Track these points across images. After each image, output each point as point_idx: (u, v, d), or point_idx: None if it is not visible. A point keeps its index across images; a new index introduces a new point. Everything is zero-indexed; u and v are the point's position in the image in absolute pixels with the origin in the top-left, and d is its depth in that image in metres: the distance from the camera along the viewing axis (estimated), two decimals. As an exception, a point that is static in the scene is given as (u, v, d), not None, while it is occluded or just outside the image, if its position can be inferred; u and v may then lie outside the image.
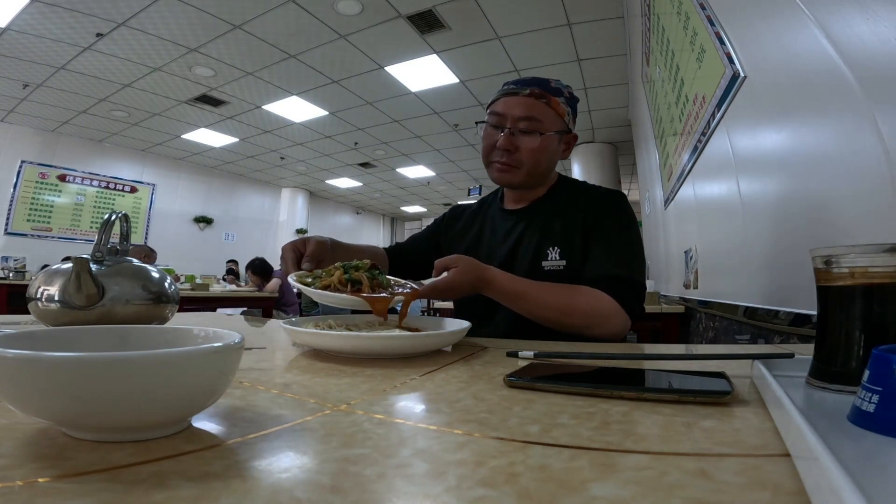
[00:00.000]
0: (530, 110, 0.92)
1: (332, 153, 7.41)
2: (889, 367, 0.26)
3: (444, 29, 3.81)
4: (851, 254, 0.36)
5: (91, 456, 0.25)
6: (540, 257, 0.95)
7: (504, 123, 0.93)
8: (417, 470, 0.24)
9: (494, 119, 0.95)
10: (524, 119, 0.92)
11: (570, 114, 0.97)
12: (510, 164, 0.95)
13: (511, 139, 0.93)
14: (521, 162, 0.94)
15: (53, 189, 6.46)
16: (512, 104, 0.93)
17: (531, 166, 0.95)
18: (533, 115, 0.92)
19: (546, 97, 0.93)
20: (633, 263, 0.91)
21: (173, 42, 4.06)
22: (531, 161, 0.94)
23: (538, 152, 0.93)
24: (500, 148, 0.93)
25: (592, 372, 0.50)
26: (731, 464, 0.25)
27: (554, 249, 0.94)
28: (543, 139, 0.93)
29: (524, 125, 0.92)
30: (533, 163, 0.94)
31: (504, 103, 0.94)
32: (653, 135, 3.05)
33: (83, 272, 0.63)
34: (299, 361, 0.57)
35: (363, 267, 0.74)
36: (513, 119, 0.93)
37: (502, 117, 0.94)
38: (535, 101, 0.92)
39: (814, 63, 0.78)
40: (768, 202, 1.09)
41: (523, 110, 0.92)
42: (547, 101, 0.93)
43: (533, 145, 0.93)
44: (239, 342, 0.32)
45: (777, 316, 0.99)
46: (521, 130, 0.93)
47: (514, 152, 0.94)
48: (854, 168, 0.70)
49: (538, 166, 0.96)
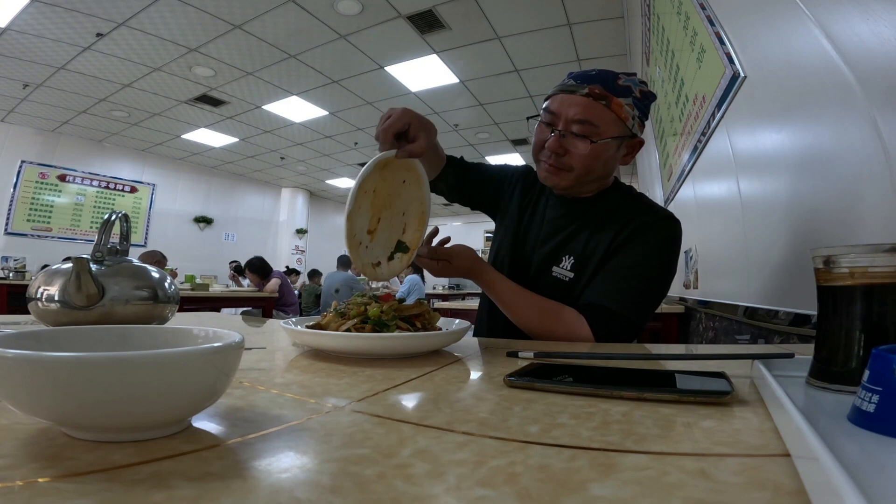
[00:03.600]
0: (586, 113, 0.83)
1: (332, 153, 7.41)
2: (889, 367, 0.26)
3: (444, 29, 3.81)
4: (851, 254, 0.36)
5: (91, 456, 0.25)
6: (553, 261, 0.93)
7: (556, 123, 0.85)
8: (417, 470, 0.24)
9: (548, 117, 0.87)
10: (577, 122, 0.83)
11: (636, 117, 0.86)
12: (558, 167, 0.87)
13: (561, 142, 0.85)
14: (570, 166, 0.86)
15: (53, 189, 6.46)
16: (567, 103, 0.84)
17: (581, 172, 0.87)
18: (588, 118, 0.83)
19: (607, 98, 0.83)
20: (639, 304, 0.84)
21: (173, 42, 4.06)
22: (582, 167, 0.86)
23: (590, 159, 0.85)
24: (549, 149, 0.86)
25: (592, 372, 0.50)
26: (731, 464, 0.25)
27: (569, 259, 0.91)
28: (596, 146, 0.83)
29: (577, 128, 0.83)
30: (584, 169, 0.86)
31: (559, 101, 0.85)
32: (653, 135, 3.05)
33: (83, 272, 0.63)
34: (299, 361, 0.57)
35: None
36: (566, 120, 0.84)
37: (556, 116, 0.85)
38: (594, 102, 0.83)
39: (814, 63, 0.78)
40: (768, 202, 1.09)
41: (578, 112, 0.83)
42: (607, 102, 0.83)
43: (583, 151, 0.84)
44: (239, 342, 0.31)
45: (777, 316, 0.99)
46: (574, 133, 0.84)
47: (562, 155, 0.86)
48: (854, 168, 0.70)
49: (590, 173, 0.88)
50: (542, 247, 0.96)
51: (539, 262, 0.95)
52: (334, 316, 0.65)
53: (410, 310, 0.66)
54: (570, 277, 0.90)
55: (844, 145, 0.72)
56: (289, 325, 0.66)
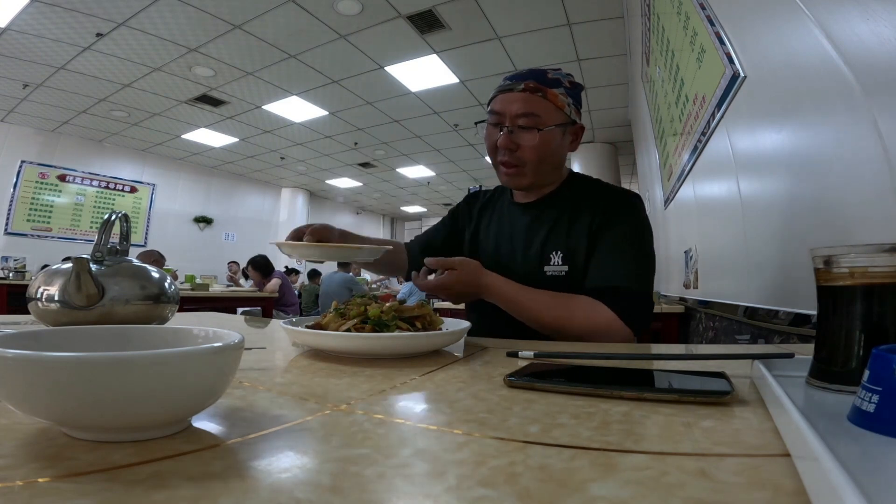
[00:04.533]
0: (527, 106, 0.90)
1: (332, 153, 7.41)
2: (889, 367, 0.26)
3: (444, 29, 3.81)
4: (851, 254, 0.36)
5: (91, 456, 0.25)
6: (542, 262, 0.94)
7: (503, 122, 0.92)
8: (417, 470, 0.24)
9: (494, 118, 0.94)
10: (521, 116, 0.90)
11: (571, 104, 0.93)
12: (514, 164, 0.93)
13: (510, 137, 0.91)
14: (523, 160, 0.92)
15: (53, 189, 6.46)
16: (508, 101, 0.91)
17: (535, 164, 0.93)
18: (530, 110, 0.90)
19: (542, 90, 0.90)
20: (640, 274, 0.88)
21: (173, 42, 4.06)
22: (534, 158, 0.92)
23: (540, 148, 0.91)
24: (501, 147, 0.92)
25: (592, 372, 0.50)
26: (731, 464, 0.25)
27: (557, 254, 0.93)
28: (543, 134, 0.90)
29: (522, 121, 0.90)
30: (536, 160, 0.92)
31: (501, 101, 0.92)
32: (653, 135, 3.05)
33: (83, 272, 0.63)
34: (299, 361, 0.57)
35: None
36: (510, 116, 0.91)
37: (501, 115, 0.92)
38: (531, 95, 0.90)
39: (814, 63, 0.78)
40: (768, 202, 1.09)
41: (520, 107, 0.90)
42: (543, 94, 0.90)
43: (533, 142, 0.90)
44: (239, 342, 0.32)
45: (777, 316, 0.99)
46: (520, 127, 0.91)
47: (515, 150, 0.92)
48: (854, 168, 0.70)
49: (543, 163, 0.93)
50: (526, 253, 0.98)
51: (529, 268, 0.96)
52: (334, 316, 0.65)
53: (411, 311, 0.66)
54: (565, 271, 0.92)
55: (844, 145, 0.72)
56: (289, 325, 0.66)
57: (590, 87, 4.74)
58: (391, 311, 0.64)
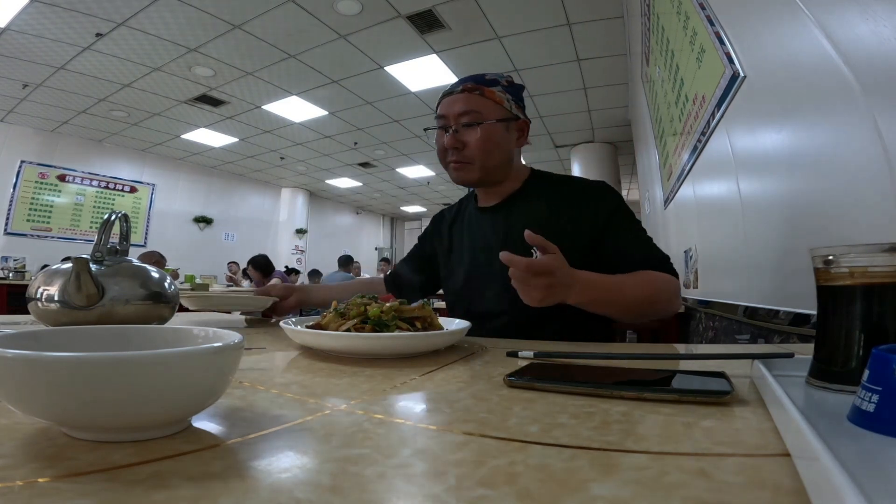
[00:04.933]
0: (467, 104, 0.95)
1: (331, 153, 7.41)
2: (889, 366, 0.26)
3: (444, 29, 3.81)
4: (851, 253, 0.36)
5: (91, 456, 0.25)
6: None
7: (448, 123, 0.97)
8: (417, 470, 0.24)
9: (440, 122, 0.99)
10: (463, 114, 0.95)
11: (511, 100, 0.98)
12: (462, 161, 0.97)
13: (455, 137, 0.96)
14: (471, 157, 0.96)
15: (53, 189, 6.46)
16: (450, 103, 0.97)
17: (482, 158, 0.96)
18: (469, 108, 0.95)
19: (479, 89, 0.96)
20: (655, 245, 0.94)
21: (173, 42, 4.06)
22: (480, 152, 0.96)
23: (484, 142, 0.95)
24: (448, 147, 0.96)
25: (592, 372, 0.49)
26: (730, 463, 0.25)
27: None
28: (484, 128, 0.95)
29: (465, 119, 0.95)
30: (482, 154, 0.96)
31: (444, 105, 0.98)
32: (652, 134, 3.05)
33: (83, 272, 0.63)
34: (299, 361, 0.57)
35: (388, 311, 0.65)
36: (454, 117, 0.96)
37: (445, 118, 0.97)
38: (470, 94, 0.96)
39: (814, 63, 0.78)
40: (768, 202, 1.09)
41: (461, 106, 0.95)
42: (481, 92, 0.96)
43: (476, 136, 0.95)
44: (239, 342, 0.32)
45: (777, 316, 0.99)
46: (464, 125, 0.96)
47: (462, 149, 0.96)
48: (854, 168, 0.70)
49: (489, 157, 0.97)
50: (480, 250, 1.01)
51: None
52: (334, 316, 0.65)
53: (412, 312, 0.66)
54: None
55: (844, 145, 0.72)
56: (289, 325, 0.66)
57: (590, 87, 4.74)
58: (391, 312, 0.64)
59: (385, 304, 0.65)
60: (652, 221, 3.62)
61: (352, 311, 0.65)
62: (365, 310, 0.64)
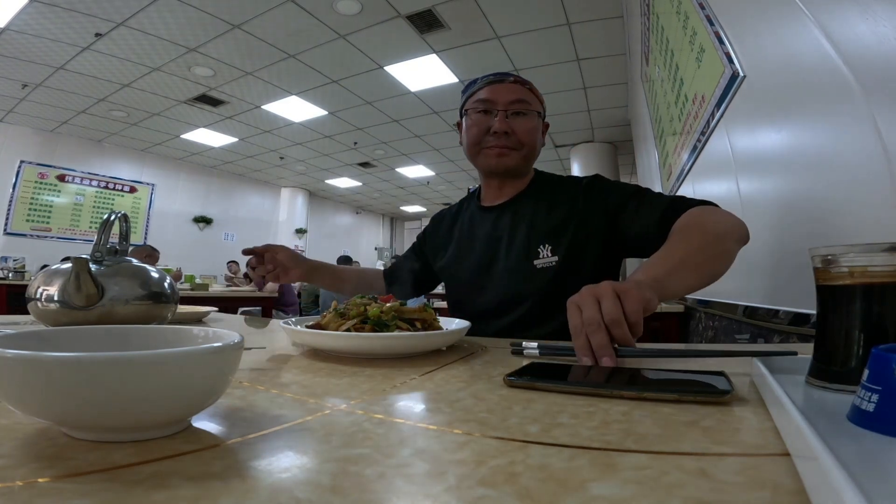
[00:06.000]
0: (520, 93, 0.96)
1: (331, 153, 7.41)
2: (889, 366, 0.26)
3: (444, 29, 3.81)
4: (851, 253, 0.36)
5: (91, 456, 0.25)
6: (530, 256, 0.94)
7: (496, 108, 0.95)
8: (417, 470, 0.24)
9: (482, 106, 0.96)
10: (517, 102, 0.95)
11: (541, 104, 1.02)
12: (509, 146, 0.96)
13: (507, 121, 0.94)
14: (519, 143, 0.96)
15: (53, 189, 6.46)
16: (500, 90, 0.96)
17: (529, 147, 0.97)
18: (523, 97, 0.96)
19: (528, 83, 0.98)
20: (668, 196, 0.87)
21: (172, 42, 4.05)
22: (529, 141, 0.96)
23: (532, 131, 0.97)
24: (498, 131, 0.94)
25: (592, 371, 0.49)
26: (730, 463, 0.25)
27: (545, 247, 0.93)
28: (533, 118, 0.97)
29: (518, 107, 0.95)
30: (531, 143, 0.97)
31: (492, 90, 0.96)
32: (652, 134, 3.05)
33: (83, 272, 0.63)
34: (299, 361, 0.57)
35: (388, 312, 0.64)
36: (505, 103, 0.94)
37: (493, 103, 0.95)
38: (521, 86, 0.97)
39: (813, 63, 0.78)
40: (768, 202, 1.09)
41: (514, 94, 0.95)
42: (529, 86, 0.98)
43: (529, 125, 0.96)
44: (239, 342, 0.32)
45: (777, 315, 0.99)
46: (515, 113, 0.95)
47: (511, 134, 0.95)
48: (854, 168, 0.70)
49: (535, 147, 0.99)
50: (510, 251, 0.98)
51: (517, 265, 0.95)
52: (334, 316, 0.65)
53: (412, 313, 0.66)
54: (555, 261, 0.92)
55: (844, 145, 0.72)
56: (289, 325, 0.66)
57: (589, 86, 4.74)
58: (391, 312, 0.64)
59: (385, 305, 0.65)
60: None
61: (352, 311, 0.65)
62: (365, 310, 0.64)
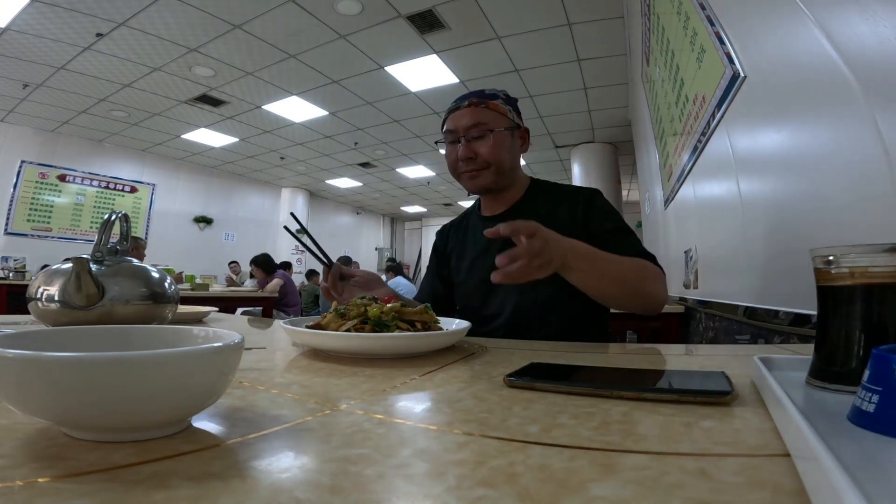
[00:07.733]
0: (474, 117, 1.01)
1: (332, 153, 7.41)
2: (889, 366, 0.26)
3: (444, 29, 3.81)
4: (851, 254, 0.36)
5: (91, 456, 0.25)
6: None
7: (458, 136, 1.02)
8: (417, 470, 0.24)
9: (449, 136, 1.04)
10: (473, 126, 1.01)
11: (511, 111, 1.05)
12: (476, 169, 1.02)
13: (469, 147, 1.01)
14: (485, 163, 1.01)
15: (53, 189, 6.46)
16: (458, 118, 1.02)
17: (496, 165, 1.02)
18: (478, 120, 1.01)
19: (483, 102, 1.03)
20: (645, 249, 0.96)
21: (173, 42, 4.05)
22: (493, 159, 1.01)
23: (495, 150, 1.01)
24: (462, 158, 1.01)
25: (592, 372, 0.49)
26: (731, 464, 0.25)
27: None
28: (494, 136, 1.01)
29: (474, 132, 1.01)
30: (496, 161, 1.01)
31: (452, 120, 1.04)
32: (653, 135, 3.05)
33: (83, 272, 0.63)
34: (299, 361, 0.57)
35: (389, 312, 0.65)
36: (463, 129, 1.01)
37: (454, 132, 1.02)
38: (476, 108, 1.02)
39: (814, 63, 0.78)
40: (768, 202, 1.09)
41: (469, 119, 1.01)
42: (485, 105, 1.02)
43: (487, 145, 1.00)
44: (239, 342, 0.32)
45: (777, 316, 0.99)
46: (474, 137, 1.01)
47: (475, 158, 1.01)
48: (854, 168, 0.70)
49: (502, 164, 1.02)
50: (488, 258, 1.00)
51: None
52: (334, 316, 0.65)
53: (412, 314, 0.66)
54: None
55: (844, 145, 0.72)
56: (289, 325, 0.66)
57: (590, 87, 4.74)
58: (391, 312, 0.64)
59: (385, 305, 0.65)
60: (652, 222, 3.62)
61: (352, 312, 0.65)
62: (365, 310, 0.64)
